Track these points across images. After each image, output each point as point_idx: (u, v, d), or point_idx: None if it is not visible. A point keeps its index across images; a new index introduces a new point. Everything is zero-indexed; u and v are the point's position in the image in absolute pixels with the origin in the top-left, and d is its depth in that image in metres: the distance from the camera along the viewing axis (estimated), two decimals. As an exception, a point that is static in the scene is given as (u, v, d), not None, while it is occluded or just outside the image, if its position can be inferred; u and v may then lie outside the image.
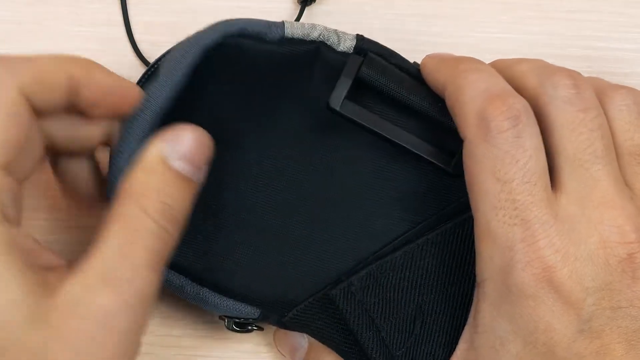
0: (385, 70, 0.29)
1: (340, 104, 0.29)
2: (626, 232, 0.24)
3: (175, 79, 0.27)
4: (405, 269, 0.29)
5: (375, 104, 0.30)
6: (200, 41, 0.28)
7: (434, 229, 0.29)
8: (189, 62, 0.27)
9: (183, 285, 0.29)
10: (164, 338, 0.34)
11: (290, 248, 0.29)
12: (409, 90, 0.29)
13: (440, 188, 0.30)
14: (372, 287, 0.29)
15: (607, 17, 0.39)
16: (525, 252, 0.24)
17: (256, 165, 0.29)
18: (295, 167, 0.29)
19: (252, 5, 0.38)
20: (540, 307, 0.24)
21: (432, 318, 0.29)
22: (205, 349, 0.34)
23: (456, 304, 0.29)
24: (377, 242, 0.30)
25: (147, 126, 0.27)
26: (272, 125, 0.29)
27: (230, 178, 0.29)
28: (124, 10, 0.38)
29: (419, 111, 0.29)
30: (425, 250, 0.29)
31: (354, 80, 0.29)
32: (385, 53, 0.30)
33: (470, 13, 0.39)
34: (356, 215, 0.30)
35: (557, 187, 0.25)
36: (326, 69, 0.29)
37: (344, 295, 0.29)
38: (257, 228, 0.29)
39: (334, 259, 0.30)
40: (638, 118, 0.27)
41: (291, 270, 0.29)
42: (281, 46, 0.29)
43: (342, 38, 0.30)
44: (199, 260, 0.29)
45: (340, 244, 0.30)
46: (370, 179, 0.30)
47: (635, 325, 0.24)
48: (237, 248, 0.29)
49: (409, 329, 0.29)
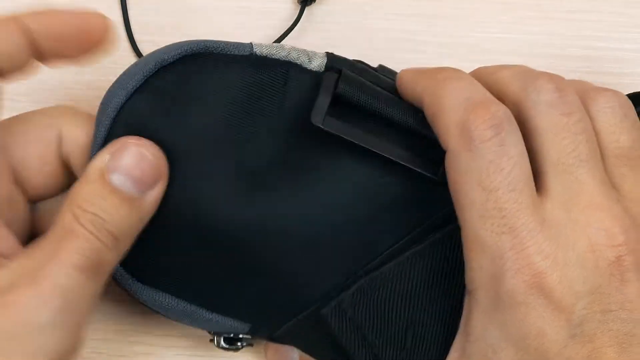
0: (362, 86, 0.29)
1: (322, 120, 0.29)
2: (614, 235, 0.24)
3: (130, 85, 0.27)
4: (396, 282, 0.29)
5: (355, 119, 0.29)
6: (159, 56, 0.28)
7: (422, 241, 0.29)
8: (148, 69, 0.27)
9: (169, 302, 0.29)
10: (164, 338, 0.34)
11: (277, 264, 0.29)
12: (387, 103, 0.28)
13: (427, 198, 0.29)
14: (363, 303, 0.29)
15: (607, 17, 0.39)
16: (514, 260, 0.24)
17: (228, 187, 0.28)
18: (274, 186, 0.29)
19: (252, 5, 0.38)
20: (531, 314, 0.24)
21: (423, 330, 0.29)
22: (205, 349, 0.34)
23: (447, 314, 0.29)
24: (366, 256, 0.29)
25: (105, 133, 0.27)
26: (248, 149, 0.29)
27: (203, 198, 0.28)
28: (124, 10, 0.38)
29: (400, 124, 0.29)
30: (415, 262, 0.29)
31: (332, 97, 0.28)
32: (357, 70, 0.30)
33: (470, 13, 0.39)
34: (344, 230, 0.29)
35: (542, 192, 0.25)
36: (298, 92, 0.29)
37: (335, 313, 0.29)
38: (238, 246, 0.29)
39: (323, 274, 0.29)
40: (623, 120, 0.26)
41: (280, 285, 0.29)
42: (250, 66, 0.29)
43: (312, 56, 0.30)
44: (182, 277, 0.29)
45: (328, 258, 0.29)
46: (356, 193, 0.29)
47: (625, 328, 0.24)
48: (219, 267, 0.29)
49: (401, 342, 0.29)
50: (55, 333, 0.24)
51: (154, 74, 0.28)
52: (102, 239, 0.25)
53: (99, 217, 0.25)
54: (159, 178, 0.27)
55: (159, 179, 0.27)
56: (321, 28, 0.38)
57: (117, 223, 0.25)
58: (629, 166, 0.26)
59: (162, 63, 0.28)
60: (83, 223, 0.25)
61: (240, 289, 0.29)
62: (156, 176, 0.27)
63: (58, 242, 0.25)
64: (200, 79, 0.28)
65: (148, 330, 0.34)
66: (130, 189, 0.26)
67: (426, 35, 0.38)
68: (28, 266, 0.24)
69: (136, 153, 0.26)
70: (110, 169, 0.26)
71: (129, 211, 0.26)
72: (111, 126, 0.27)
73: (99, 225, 0.25)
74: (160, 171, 0.27)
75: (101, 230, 0.25)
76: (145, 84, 0.28)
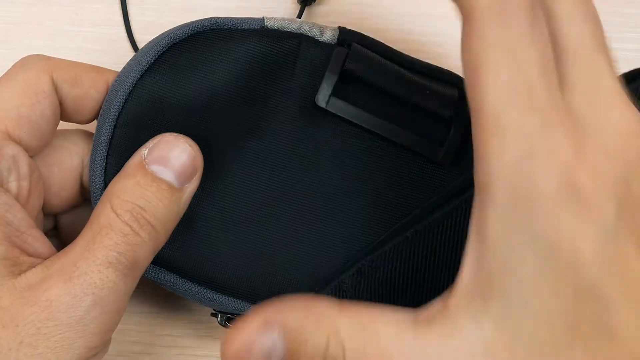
0: (371, 62, 0.29)
1: (327, 101, 0.29)
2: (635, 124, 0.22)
3: (133, 76, 0.28)
4: (396, 262, 0.29)
5: (362, 96, 0.30)
6: (171, 33, 0.29)
7: (422, 220, 0.29)
8: (153, 54, 0.28)
9: (175, 282, 0.29)
10: (164, 338, 0.34)
11: (278, 245, 0.29)
12: (395, 79, 0.29)
13: (428, 178, 0.30)
14: (364, 283, 0.29)
15: (607, 17, 0.38)
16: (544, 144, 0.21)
17: (238, 163, 0.29)
18: (281, 164, 0.29)
19: (252, 5, 0.38)
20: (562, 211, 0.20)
21: None
22: (205, 349, 0.34)
23: None
24: (367, 236, 0.30)
25: (119, 106, 0.28)
26: (255, 122, 0.29)
27: (213, 175, 0.29)
28: (124, 10, 0.38)
29: (407, 100, 0.29)
30: (415, 242, 0.29)
31: (339, 75, 0.29)
32: (368, 43, 0.30)
33: (470, 13, 0.39)
34: (344, 210, 0.30)
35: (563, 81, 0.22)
36: (309, 63, 0.29)
37: (335, 294, 0.29)
38: (244, 225, 0.29)
39: (324, 255, 0.30)
40: None
41: (280, 267, 0.29)
42: (261, 38, 0.29)
43: (324, 29, 0.30)
44: (187, 257, 0.29)
45: (329, 239, 0.30)
46: (358, 172, 0.30)
47: None
48: (225, 245, 0.29)
49: None
50: (85, 330, 0.24)
51: (167, 51, 0.28)
52: (139, 231, 0.25)
53: (138, 205, 0.25)
54: (195, 172, 0.27)
55: (195, 173, 0.27)
56: (321, 28, 0.38)
57: (157, 213, 0.26)
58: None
59: (175, 39, 0.29)
60: (121, 213, 0.25)
61: (243, 270, 0.29)
62: (194, 169, 0.27)
63: (93, 237, 0.25)
64: (211, 53, 0.29)
65: (148, 330, 0.34)
66: (172, 179, 0.26)
67: (426, 36, 0.38)
68: (62, 263, 0.24)
69: (175, 146, 0.27)
70: (150, 161, 0.26)
71: (169, 201, 0.26)
72: (126, 100, 0.28)
73: (137, 214, 0.25)
74: (197, 165, 0.27)
75: (139, 220, 0.25)
76: (159, 60, 0.28)
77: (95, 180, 0.28)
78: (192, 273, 0.29)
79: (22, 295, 0.24)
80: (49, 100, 0.27)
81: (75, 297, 0.24)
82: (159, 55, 0.28)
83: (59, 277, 0.24)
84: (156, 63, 0.28)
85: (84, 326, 0.24)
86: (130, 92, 0.28)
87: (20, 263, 0.25)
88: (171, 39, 0.28)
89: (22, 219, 0.25)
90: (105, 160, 0.28)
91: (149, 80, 0.28)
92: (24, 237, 0.25)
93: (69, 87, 0.28)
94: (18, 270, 0.24)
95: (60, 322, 0.24)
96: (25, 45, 0.37)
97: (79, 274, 0.24)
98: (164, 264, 0.29)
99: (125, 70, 0.28)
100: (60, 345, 0.24)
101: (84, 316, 0.24)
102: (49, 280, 0.24)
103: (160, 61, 0.28)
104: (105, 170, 0.28)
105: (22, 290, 0.24)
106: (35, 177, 0.27)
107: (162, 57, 0.28)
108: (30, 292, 0.24)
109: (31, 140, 0.27)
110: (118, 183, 0.26)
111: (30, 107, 0.27)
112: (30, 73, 0.27)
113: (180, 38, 0.29)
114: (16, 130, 0.26)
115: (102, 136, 0.28)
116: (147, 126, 0.28)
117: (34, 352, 0.23)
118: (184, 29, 0.29)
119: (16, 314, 0.23)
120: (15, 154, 0.26)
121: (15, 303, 0.24)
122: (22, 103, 0.26)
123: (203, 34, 0.29)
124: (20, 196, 0.26)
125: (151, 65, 0.28)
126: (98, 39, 0.38)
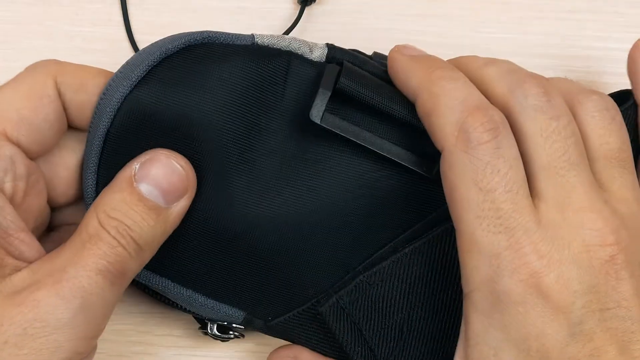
0: (364, 80, 0.29)
1: (321, 117, 0.28)
2: (605, 235, 0.24)
3: (129, 81, 0.28)
4: (394, 279, 0.29)
5: (355, 113, 0.29)
6: (162, 46, 0.28)
7: (420, 237, 0.29)
8: (144, 68, 0.28)
9: (166, 285, 0.29)
10: (164, 338, 0.34)
11: (271, 262, 0.29)
12: (389, 98, 0.29)
13: (425, 195, 0.30)
14: (361, 299, 0.29)
15: (607, 17, 0.39)
16: (511, 259, 0.24)
17: (229, 181, 0.29)
18: (273, 182, 0.29)
19: (252, 5, 0.38)
20: (530, 314, 0.24)
21: (420, 325, 0.29)
22: (205, 349, 0.34)
23: (444, 310, 0.29)
24: (364, 252, 0.30)
25: (108, 123, 0.27)
26: (247, 140, 0.29)
27: (203, 193, 0.28)
28: (124, 10, 0.38)
29: (400, 119, 0.29)
30: (413, 259, 0.29)
31: (333, 92, 0.28)
32: (358, 61, 0.30)
33: (470, 13, 0.39)
34: (342, 227, 0.29)
35: (535, 194, 0.25)
36: (300, 81, 0.29)
37: (334, 311, 0.29)
38: (236, 244, 0.29)
39: (321, 271, 0.29)
40: (611, 123, 0.27)
41: (277, 280, 0.29)
42: (251, 54, 0.29)
43: (313, 47, 0.30)
44: (180, 262, 0.29)
45: (326, 255, 0.29)
46: (353, 189, 0.29)
47: (624, 326, 0.24)
48: (218, 256, 0.29)
49: (397, 337, 0.29)
50: (72, 333, 0.24)
51: (158, 64, 0.28)
52: (126, 246, 0.25)
53: (124, 224, 0.25)
54: (186, 191, 0.27)
55: (186, 192, 0.27)
56: (321, 28, 0.38)
57: (142, 232, 0.26)
58: (618, 167, 0.27)
59: (166, 53, 0.28)
60: (108, 229, 0.25)
61: (238, 279, 0.29)
62: (184, 189, 0.27)
63: (82, 245, 0.25)
64: (203, 69, 0.28)
65: (148, 330, 0.34)
66: (158, 199, 0.26)
67: (426, 35, 0.38)
68: (50, 267, 0.25)
69: (166, 164, 0.27)
70: (139, 178, 0.26)
71: (155, 221, 0.26)
72: (115, 116, 0.28)
73: (123, 232, 0.25)
74: (189, 185, 0.27)
75: (125, 237, 0.25)
76: (149, 74, 0.28)
77: (88, 191, 0.28)
78: (185, 278, 0.29)
79: (8, 297, 0.24)
80: (54, 105, 0.27)
81: (64, 299, 0.24)
82: (149, 70, 0.28)
83: (47, 280, 0.24)
84: (146, 77, 0.28)
85: (71, 329, 0.24)
86: (119, 107, 0.27)
87: (4, 265, 0.25)
88: (163, 52, 0.28)
89: (11, 221, 0.25)
90: (97, 172, 0.28)
91: (139, 94, 0.28)
92: (11, 239, 0.25)
93: (73, 93, 0.28)
94: (1, 273, 0.24)
95: (48, 324, 0.24)
96: (25, 45, 0.37)
97: (68, 278, 0.24)
98: (154, 269, 0.29)
99: (115, 84, 0.28)
100: (46, 347, 0.24)
101: (71, 319, 0.24)
102: (36, 283, 0.24)
103: (150, 75, 0.28)
104: (97, 182, 0.28)
105: (7, 294, 0.24)
106: (33, 178, 0.27)
107: (152, 72, 0.28)
108: (16, 294, 0.24)
109: (31, 143, 0.27)
110: (106, 196, 0.26)
111: (33, 111, 0.27)
112: (36, 77, 0.27)
113: (171, 52, 0.28)
114: (15, 132, 0.26)
115: (93, 149, 0.28)
116: (137, 141, 0.28)
117: (18, 352, 0.23)
118: (176, 42, 0.28)
119: (2, 314, 0.23)
120: (13, 155, 0.26)
121: (1, 303, 0.24)
122: (24, 106, 0.26)
123: (194, 47, 0.28)
124: (15, 197, 0.26)
125: (141, 80, 0.28)
126: (98, 39, 0.37)
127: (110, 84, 0.28)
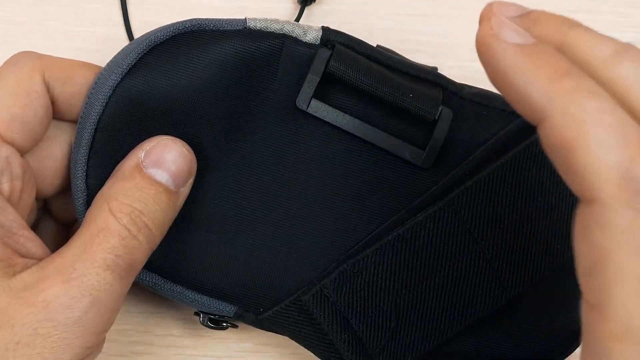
0: (354, 63, 0.29)
1: (308, 104, 0.29)
2: None
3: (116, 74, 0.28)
4: (378, 266, 0.29)
5: (345, 98, 0.29)
6: (152, 35, 0.28)
7: (404, 223, 0.29)
8: (133, 57, 0.28)
9: (156, 282, 0.29)
10: (164, 338, 0.34)
11: (260, 248, 0.29)
12: (379, 81, 0.29)
13: (410, 182, 0.30)
14: (346, 287, 0.29)
15: (607, 17, 0.39)
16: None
17: (220, 166, 0.29)
18: (263, 167, 0.29)
19: (252, 5, 0.38)
20: None
21: (407, 312, 0.29)
22: (205, 349, 0.34)
23: (431, 296, 0.29)
24: (349, 240, 0.30)
25: (100, 110, 0.28)
26: (238, 124, 0.29)
27: (196, 178, 0.28)
28: (124, 10, 0.38)
29: (390, 103, 0.29)
30: (397, 246, 0.29)
31: (322, 77, 0.29)
32: (352, 43, 0.30)
33: (470, 13, 0.39)
34: (327, 214, 0.29)
35: None
36: (292, 64, 0.29)
37: (317, 300, 0.29)
38: (226, 228, 0.29)
39: (306, 259, 0.29)
40: None
41: (262, 270, 0.29)
42: (243, 38, 0.29)
43: (307, 29, 0.29)
44: (170, 258, 0.29)
45: (311, 243, 0.29)
46: (341, 176, 0.30)
47: None
48: (207, 247, 0.29)
49: (385, 325, 0.29)
50: (82, 330, 0.24)
51: (147, 52, 0.28)
52: (137, 234, 0.25)
53: (137, 209, 0.25)
54: (191, 175, 0.27)
55: (191, 176, 0.27)
56: (321, 28, 0.38)
57: (154, 216, 0.26)
58: None
59: (155, 41, 0.28)
60: (120, 216, 0.25)
61: (227, 273, 0.29)
62: (190, 174, 0.27)
63: (91, 239, 0.25)
64: (193, 55, 0.28)
65: (148, 330, 0.34)
66: (169, 183, 0.26)
67: (426, 35, 0.38)
68: (60, 263, 0.25)
69: (173, 149, 0.27)
70: (148, 164, 0.26)
71: (166, 205, 0.26)
72: (106, 104, 0.28)
73: (136, 217, 0.25)
74: (192, 169, 0.27)
75: (138, 222, 0.25)
76: (139, 62, 0.28)
77: (77, 183, 0.28)
78: (175, 274, 0.29)
79: (19, 296, 0.24)
80: (42, 100, 0.27)
81: (73, 299, 0.24)
82: (139, 58, 0.28)
83: (56, 278, 0.24)
84: (137, 65, 0.28)
85: (81, 327, 0.24)
86: (110, 95, 0.28)
87: (14, 264, 0.25)
88: (152, 41, 0.28)
89: (14, 220, 0.25)
90: (87, 163, 0.28)
91: (130, 82, 0.28)
92: (17, 238, 0.25)
93: (62, 86, 0.28)
94: (12, 272, 0.24)
95: (58, 323, 0.24)
96: (25, 45, 0.37)
97: (76, 276, 0.24)
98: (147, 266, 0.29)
99: (106, 72, 0.28)
100: (57, 345, 0.24)
101: (81, 317, 0.24)
102: (45, 281, 0.24)
103: (140, 63, 0.28)
104: (87, 173, 0.28)
105: (18, 291, 0.24)
106: (27, 176, 0.27)
107: (142, 60, 0.28)
108: (27, 292, 0.24)
109: (24, 140, 0.27)
110: (115, 185, 0.26)
111: (23, 108, 0.26)
112: (22, 73, 0.27)
113: (160, 40, 0.28)
114: (8, 132, 0.26)
115: (83, 139, 0.28)
116: (129, 129, 0.28)
117: (31, 352, 0.24)
118: (165, 31, 0.28)
119: (13, 315, 0.24)
120: (9, 155, 0.26)
121: (12, 303, 0.24)
122: (14, 104, 0.26)
123: (184, 35, 0.28)
124: (12, 196, 0.26)
125: (132, 68, 0.28)
126: (98, 39, 0.37)
127: (101, 74, 0.28)
